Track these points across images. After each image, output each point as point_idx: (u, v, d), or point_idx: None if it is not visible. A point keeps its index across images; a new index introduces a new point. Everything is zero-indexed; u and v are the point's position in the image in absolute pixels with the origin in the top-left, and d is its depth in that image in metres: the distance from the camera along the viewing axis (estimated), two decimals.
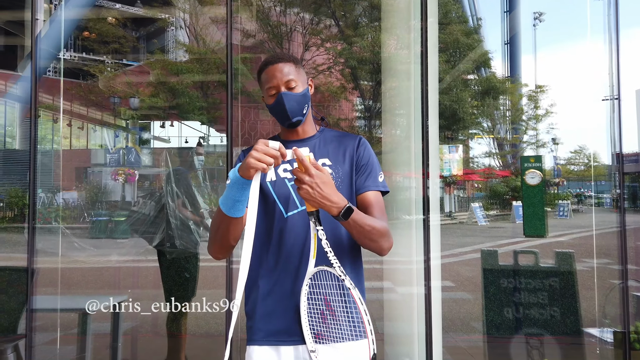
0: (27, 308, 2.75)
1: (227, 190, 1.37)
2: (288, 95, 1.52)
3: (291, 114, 1.53)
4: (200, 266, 3.53)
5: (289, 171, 1.54)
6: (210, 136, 12.84)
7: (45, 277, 3.31)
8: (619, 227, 2.91)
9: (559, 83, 22.14)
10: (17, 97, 7.68)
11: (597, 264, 3.81)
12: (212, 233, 1.51)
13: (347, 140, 1.61)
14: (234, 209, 1.38)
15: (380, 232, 1.44)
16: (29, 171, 2.90)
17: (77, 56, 14.40)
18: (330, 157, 1.57)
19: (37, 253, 2.94)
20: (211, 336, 3.41)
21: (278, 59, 1.56)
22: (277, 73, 1.54)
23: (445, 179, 16.50)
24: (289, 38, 14.45)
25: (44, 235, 3.52)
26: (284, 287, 1.46)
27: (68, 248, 4.10)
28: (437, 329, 3.14)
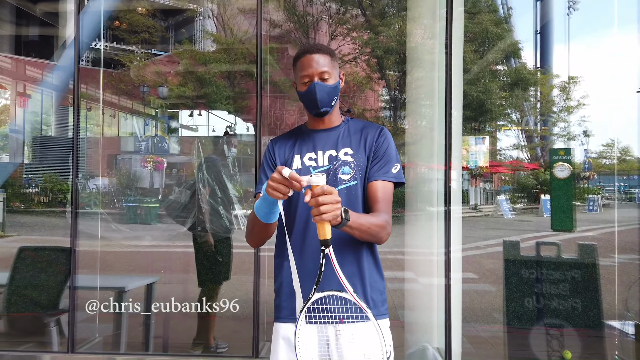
0: (70, 286, 2.93)
1: (260, 200, 1.48)
2: (320, 85, 1.60)
3: (321, 104, 1.61)
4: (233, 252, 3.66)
5: (313, 159, 1.63)
6: (237, 125, 13.02)
7: (83, 259, 3.50)
8: (610, 226, 2.90)
9: (592, 74, 21.46)
10: (53, 86, 7.96)
11: (622, 259, 3.78)
12: (248, 229, 1.63)
13: (369, 130, 1.68)
14: (265, 218, 1.50)
15: (376, 228, 1.51)
16: (71, 158, 3.07)
17: (109, 46, 14.75)
18: (353, 147, 1.64)
19: (78, 238, 3.12)
20: (237, 318, 3.54)
21: (316, 50, 1.63)
22: (313, 63, 1.61)
23: (471, 171, 16.31)
24: (315, 28, 14.44)
25: (82, 220, 3.71)
26: (307, 268, 1.55)
27: (103, 231, 4.30)
28: (457, 319, 3.19)
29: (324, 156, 1.63)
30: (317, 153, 1.63)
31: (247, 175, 5.37)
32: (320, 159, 1.63)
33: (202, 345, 3.50)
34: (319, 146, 1.65)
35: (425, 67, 4.00)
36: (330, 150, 1.64)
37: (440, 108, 3.40)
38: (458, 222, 3.13)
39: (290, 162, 1.65)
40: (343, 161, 1.61)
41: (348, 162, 1.61)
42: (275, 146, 1.71)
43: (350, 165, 1.61)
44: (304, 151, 1.65)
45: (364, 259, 1.59)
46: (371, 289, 1.60)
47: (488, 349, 3.72)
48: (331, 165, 1.61)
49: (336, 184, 1.58)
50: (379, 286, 1.63)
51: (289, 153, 1.67)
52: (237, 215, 3.78)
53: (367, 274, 1.59)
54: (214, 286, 3.59)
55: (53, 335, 3.06)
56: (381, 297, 1.62)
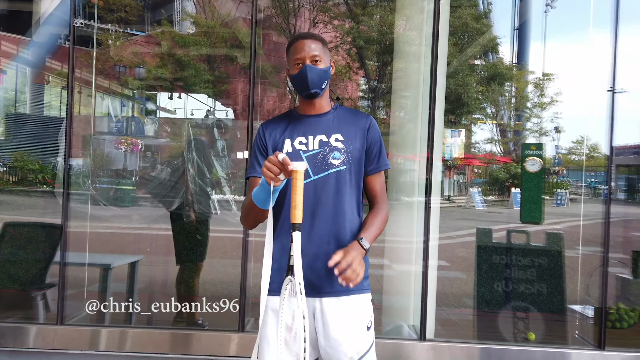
0: (61, 262, 2.97)
1: (258, 187, 1.59)
2: (311, 67, 1.69)
3: (311, 85, 1.69)
4: (211, 236, 3.73)
5: (304, 144, 1.71)
6: (216, 110, 12.91)
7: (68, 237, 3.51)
8: (603, 219, 3.12)
9: (566, 72, 22.02)
10: (28, 62, 7.75)
11: (586, 251, 4.01)
12: (244, 212, 1.73)
13: (359, 120, 1.78)
14: (262, 204, 1.60)
15: (384, 225, 1.73)
16: (65, 139, 3.07)
17: (85, 23, 14.36)
18: (343, 134, 1.73)
19: (70, 217, 3.15)
20: (223, 297, 3.63)
21: (309, 36, 1.75)
22: (305, 47, 1.71)
23: (446, 162, 16.62)
24: (296, 14, 14.35)
25: (55, 199, 3.71)
26: (283, 247, 1.65)
27: (77, 212, 4.32)
28: (432, 303, 3.36)
29: (314, 141, 1.71)
30: (308, 138, 1.72)
31: (233, 159, 5.42)
32: (311, 144, 1.71)
33: (185, 321, 3.58)
34: (309, 131, 1.73)
35: (409, 59, 4.08)
36: (321, 135, 1.72)
37: (422, 99, 3.51)
38: (436, 212, 3.28)
39: (280, 146, 1.73)
40: (334, 147, 1.70)
41: (339, 147, 1.70)
42: (265, 131, 1.78)
43: (340, 151, 1.70)
44: (295, 135, 1.73)
45: (350, 233, 1.70)
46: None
47: (458, 330, 3.91)
48: (322, 149, 1.70)
49: (327, 168, 1.68)
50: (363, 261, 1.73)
51: (280, 137, 1.74)
52: (215, 200, 3.84)
53: None
54: (194, 265, 3.66)
55: (39, 308, 3.10)
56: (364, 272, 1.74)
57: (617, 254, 4.37)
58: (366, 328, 1.68)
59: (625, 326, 3.65)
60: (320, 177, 1.68)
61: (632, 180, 16.92)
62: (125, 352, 3.14)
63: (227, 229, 3.99)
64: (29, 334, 2.98)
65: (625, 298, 3.77)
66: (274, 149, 1.74)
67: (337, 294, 1.64)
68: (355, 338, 1.64)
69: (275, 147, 1.73)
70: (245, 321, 3.13)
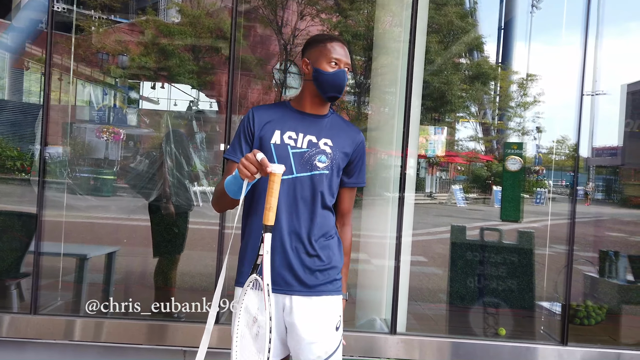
0: (35, 251, 2.95)
1: (231, 177, 1.58)
2: (345, 74, 1.72)
3: (340, 91, 1.72)
4: (190, 228, 3.74)
5: (293, 139, 1.71)
6: (200, 101, 12.81)
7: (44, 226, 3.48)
8: (569, 219, 3.22)
9: (548, 73, 22.33)
10: (7, 47, 7.59)
11: (559, 249, 4.11)
12: (216, 195, 1.73)
13: (351, 132, 1.81)
14: (233, 194, 1.60)
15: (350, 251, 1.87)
16: (41, 127, 3.04)
17: (66, 8, 14.07)
18: (333, 140, 1.75)
19: (45, 207, 3.12)
20: (197, 290, 3.65)
21: (345, 43, 1.78)
22: (345, 52, 1.74)
23: (429, 159, 16.77)
24: (283, 6, 14.27)
25: (33, 187, 3.67)
26: (254, 241, 1.69)
27: (54, 201, 4.28)
28: (404, 296, 3.43)
29: (303, 139, 1.71)
30: (298, 135, 1.71)
31: (212, 152, 5.42)
32: (300, 141, 1.71)
33: (162, 313, 3.58)
34: (301, 128, 1.72)
35: (391, 55, 4.11)
36: (311, 136, 1.72)
37: (402, 96, 3.55)
38: (410, 208, 3.33)
39: (269, 136, 1.71)
40: (321, 150, 1.71)
41: (326, 152, 1.71)
42: (255, 115, 1.75)
43: (327, 155, 1.71)
44: (285, 128, 1.71)
45: (323, 238, 1.74)
46: (329, 263, 1.75)
47: (432, 325, 4.00)
48: (309, 149, 1.70)
49: (311, 169, 1.70)
50: (337, 263, 1.77)
51: (270, 126, 1.72)
52: (197, 192, 3.85)
53: (327, 250, 1.74)
54: (172, 258, 3.66)
55: (13, 298, 3.08)
56: (336, 275, 1.76)
57: (590, 253, 4.50)
58: (335, 328, 1.71)
59: (592, 323, 3.77)
60: (302, 176, 1.69)
61: (609, 181, 17.34)
62: (100, 342, 3.14)
63: (205, 220, 4.00)
64: (2, 323, 2.96)
65: (592, 296, 3.90)
66: (261, 136, 1.71)
67: (308, 293, 1.67)
68: (324, 338, 1.67)
69: (263, 135, 1.71)
70: (220, 313, 3.16)
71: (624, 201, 13.57)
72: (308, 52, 1.76)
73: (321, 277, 1.70)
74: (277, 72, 14.17)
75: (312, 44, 1.77)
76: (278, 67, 14.19)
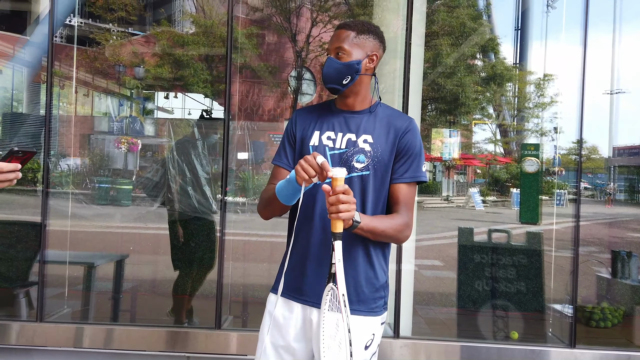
0: (40, 259, 3.00)
1: (285, 182, 1.47)
2: (331, 61, 1.56)
3: (326, 79, 1.57)
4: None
5: (331, 140, 1.59)
6: (213, 109, 12.96)
7: (53, 236, 3.55)
8: (574, 221, 3.12)
9: (566, 72, 21.96)
10: (25, 62, 7.80)
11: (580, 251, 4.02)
12: (264, 202, 1.61)
13: (396, 121, 1.61)
14: (284, 199, 1.49)
15: (392, 232, 1.51)
16: (43, 137, 3.10)
17: (84, 22, 14.40)
18: (374, 135, 1.58)
19: (49, 215, 3.18)
20: (200, 297, 3.68)
21: (344, 25, 1.61)
22: (335, 38, 1.60)
23: (445, 162, 16.61)
24: (297, 13, 14.37)
25: (54, 198, 3.74)
26: (306, 249, 1.56)
27: (73, 211, 4.36)
28: (408, 301, 3.39)
29: (342, 139, 1.59)
30: (337, 134, 1.59)
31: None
32: (339, 141, 1.59)
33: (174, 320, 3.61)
34: (340, 127, 1.60)
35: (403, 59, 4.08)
36: (350, 134, 1.59)
37: (413, 100, 3.54)
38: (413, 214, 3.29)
39: (309, 137, 1.62)
40: (360, 148, 1.56)
41: (365, 150, 1.56)
42: (298, 118, 1.67)
43: (366, 154, 1.56)
44: (324, 129, 1.61)
45: (364, 251, 1.57)
46: (366, 283, 1.57)
47: (444, 329, 3.93)
48: (347, 149, 1.57)
49: (349, 171, 1.54)
50: (374, 282, 1.59)
51: (310, 127, 1.63)
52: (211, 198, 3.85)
53: (363, 267, 1.57)
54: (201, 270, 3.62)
55: (22, 306, 3.13)
56: (374, 294, 1.59)
57: (608, 255, 4.39)
58: (364, 347, 1.56)
59: (609, 325, 3.66)
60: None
61: (631, 180, 16.92)
62: (103, 349, 3.16)
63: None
64: (11, 331, 3.01)
65: (606, 297, 3.79)
66: (302, 139, 1.63)
67: (338, 310, 1.43)
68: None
69: (304, 138, 1.62)
70: (223, 319, 3.16)
71: None
72: None
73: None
74: (292, 79, 14.25)
75: None
76: (293, 75, 14.27)
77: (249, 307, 3.57)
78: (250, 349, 2.94)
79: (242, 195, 7.27)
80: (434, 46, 12.91)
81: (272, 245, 5.30)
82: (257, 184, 7.24)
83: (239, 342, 3.08)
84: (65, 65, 8.10)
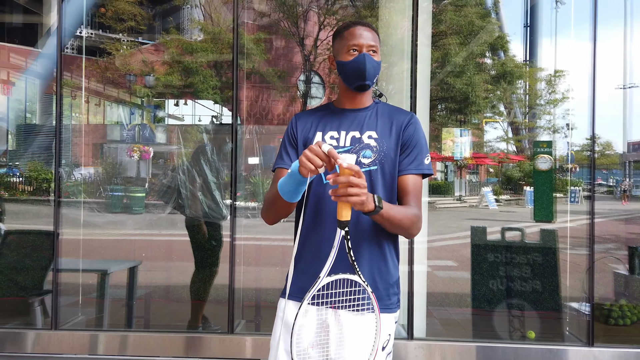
0: (54, 268, 3.03)
1: (286, 177, 1.43)
2: (369, 57, 1.56)
3: (368, 75, 1.56)
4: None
5: (335, 139, 1.58)
6: (223, 115, 13.04)
7: (67, 245, 3.59)
8: (588, 218, 3.07)
9: (577, 68, 21.74)
10: (37, 74, 7.94)
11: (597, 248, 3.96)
12: (267, 205, 1.57)
13: (398, 116, 1.62)
14: (288, 196, 1.44)
15: (408, 222, 1.48)
16: (54, 147, 3.14)
17: (94, 33, 14.62)
18: (378, 131, 1.59)
19: (61, 224, 3.22)
20: (213, 302, 3.70)
21: (366, 24, 1.62)
22: (364, 34, 1.58)
23: (456, 162, 16.50)
24: (304, 18, 14.43)
25: (67, 207, 3.78)
26: (316, 250, 1.52)
27: (87, 220, 4.39)
28: (421, 302, 3.36)
29: (346, 137, 1.58)
30: (340, 133, 1.59)
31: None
32: (343, 139, 1.58)
33: (192, 325, 3.62)
34: (343, 126, 1.60)
35: (412, 60, 4.07)
36: (354, 131, 1.59)
37: (421, 100, 3.52)
38: (424, 214, 3.26)
39: (311, 139, 1.60)
40: (365, 144, 1.56)
41: (371, 145, 1.56)
42: (298, 121, 1.66)
43: (372, 149, 1.56)
44: (327, 129, 1.61)
45: (377, 247, 1.54)
46: (380, 279, 1.54)
47: (459, 330, 3.89)
48: (353, 147, 1.57)
49: None
50: (387, 278, 1.56)
51: (311, 129, 1.62)
52: (224, 203, 3.86)
53: (376, 263, 1.54)
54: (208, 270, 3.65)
55: (37, 314, 3.16)
56: (388, 290, 1.56)
57: (625, 252, 4.31)
58: (381, 348, 1.51)
59: (628, 323, 3.59)
60: None
61: None
62: (117, 355, 3.18)
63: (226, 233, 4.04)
64: (26, 339, 3.05)
65: (624, 295, 3.72)
66: (304, 141, 1.61)
67: (355, 308, 1.42)
68: (367, 357, 1.42)
69: (306, 140, 1.61)
70: (235, 323, 3.16)
71: None
72: (333, 48, 1.66)
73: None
74: (301, 83, 14.27)
75: (334, 39, 1.67)
76: (303, 79, 14.29)
77: (262, 311, 3.58)
78: (264, 352, 2.94)
79: (253, 200, 7.29)
80: (442, 46, 12.85)
81: (284, 249, 5.29)
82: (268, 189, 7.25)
83: (252, 346, 3.08)
84: (77, 75, 8.23)
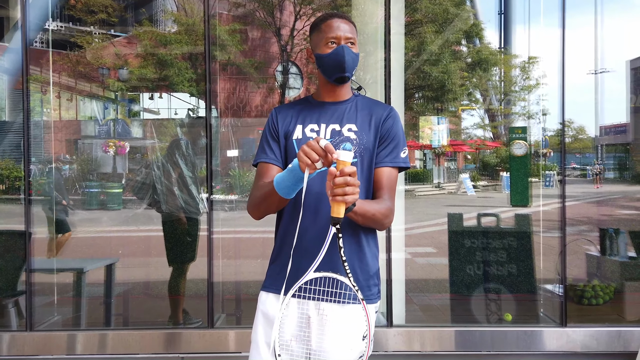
0: (27, 268, 2.96)
1: (285, 173, 1.42)
2: (348, 49, 1.57)
3: (347, 67, 1.57)
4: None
5: (315, 132, 1.60)
6: (199, 108, 12.87)
7: (41, 244, 3.51)
8: (560, 201, 3.14)
9: (550, 55, 22.08)
10: (5, 69, 7.68)
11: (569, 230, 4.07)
12: (257, 200, 1.56)
13: (377, 109, 1.64)
14: (284, 191, 1.44)
15: (380, 216, 1.51)
16: (22, 144, 3.05)
17: (64, 26, 14.21)
18: (358, 124, 1.61)
19: (34, 223, 3.14)
20: (191, 297, 3.68)
21: (343, 16, 1.62)
22: (342, 27, 1.59)
23: (434, 150, 16.67)
24: (280, 7, 14.29)
25: (39, 205, 3.70)
26: (298, 243, 1.50)
27: (63, 217, 4.30)
28: (400, 289, 3.41)
29: (326, 129, 1.60)
30: (320, 125, 1.60)
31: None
32: (322, 132, 1.60)
33: (172, 321, 3.60)
34: (323, 119, 1.62)
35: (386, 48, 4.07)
36: (334, 124, 1.60)
37: (396, 88, 3.53)
38: (401, 202, 3.29)
39: (291, 132, 1.62)
40: (345, 137, 1.58)
41: (350, 138, 1.58)
42: (278, 115, 1.66)
43: (352, 142, 1.57)
44: (307, 122, 1.62)
45: (355, 239, 1.56)
46: (360, 270, 1.57)
47: (438, 316, 3.95)
48: (332, 139, 1.58)
49: None
50: (369, 269, 1.59)
51: (292, 122, 1.63)
52: (202, 198, 3.83)
53: (356, 254, 1.56)
54: (183, 267, 3.64)
55: (12, 316, 3.10)
56: (368, 282, 1.59)
57: (597, 233, 4.43)
58: (362, 337, 1.52)
59: (600, 302, 3.71)
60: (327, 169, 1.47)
61: (619, 158, 17.11)
62: (96, 354, 3.15)
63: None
64: (1, 342, 2.98)
65: (596, 275, 3.83)
66: (286, 134, 1.63)
67: (336, 299, 1.44)
68: (348, 347, 1.48)
69: (287, 133, 1.62)
70: (215, 317, 3.15)
71: (636, 178, 13.37)
72: (310, 41, 1.66)
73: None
74: (278, 74, 14.16)
75: (311, 31, 1.67)
76: (280, 70, 14.18)
77: (243, 304, 3.58)
78: (245, 346, 2.94)
79: (232, 193, 7.24)
80: (418, 34, 12.89)
81: (264, 242, 5.29)
82: (248, 181, 7.21)
83: (233, 339, 3.07)
84: (46, 70, 7.99)
